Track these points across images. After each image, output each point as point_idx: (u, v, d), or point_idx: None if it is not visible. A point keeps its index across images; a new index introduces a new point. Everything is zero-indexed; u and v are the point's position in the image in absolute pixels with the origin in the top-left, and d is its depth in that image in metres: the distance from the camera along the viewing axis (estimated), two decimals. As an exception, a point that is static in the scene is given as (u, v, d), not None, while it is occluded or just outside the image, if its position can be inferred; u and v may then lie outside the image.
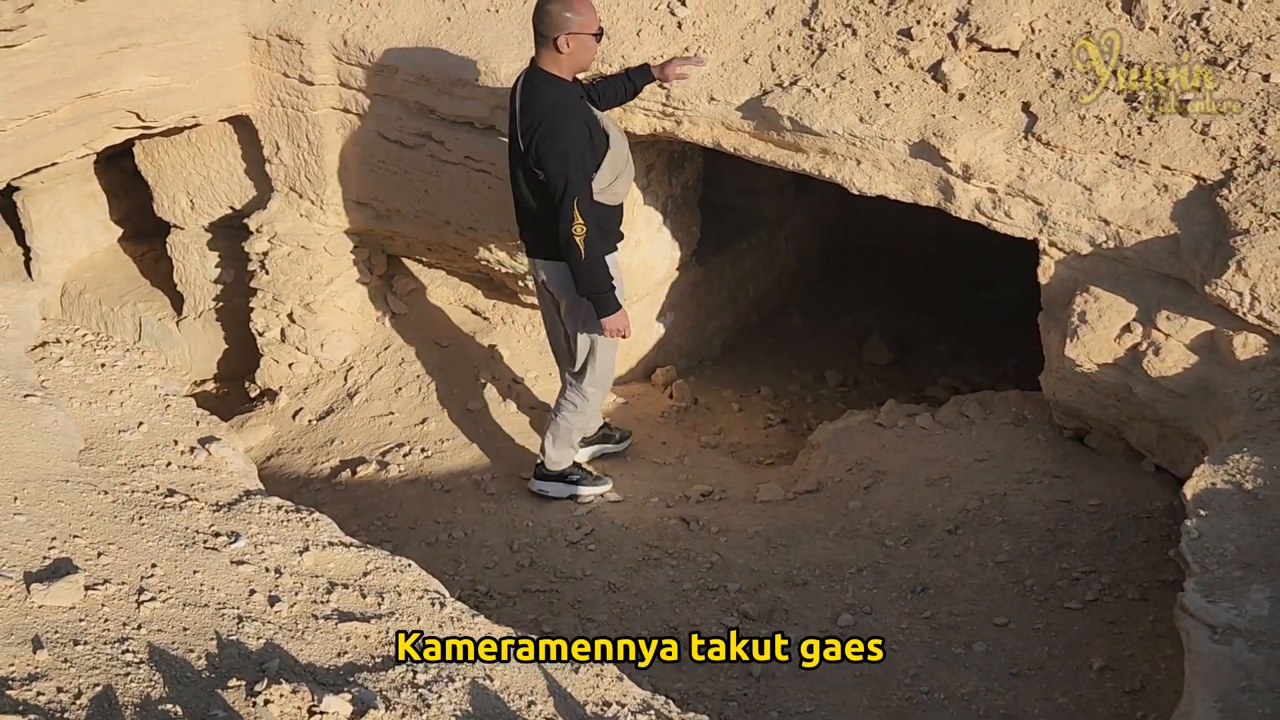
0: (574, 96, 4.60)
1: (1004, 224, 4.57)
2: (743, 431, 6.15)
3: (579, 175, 4.45)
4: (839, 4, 5.09)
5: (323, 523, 3.22)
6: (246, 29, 5.94)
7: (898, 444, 4.98)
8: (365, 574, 2.99)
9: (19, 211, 7.63)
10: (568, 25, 4.47)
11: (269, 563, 3.00)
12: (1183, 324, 4.12)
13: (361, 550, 3.10)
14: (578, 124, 4.49)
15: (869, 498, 4.75)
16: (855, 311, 7.63)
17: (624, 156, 4.74)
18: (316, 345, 6.34)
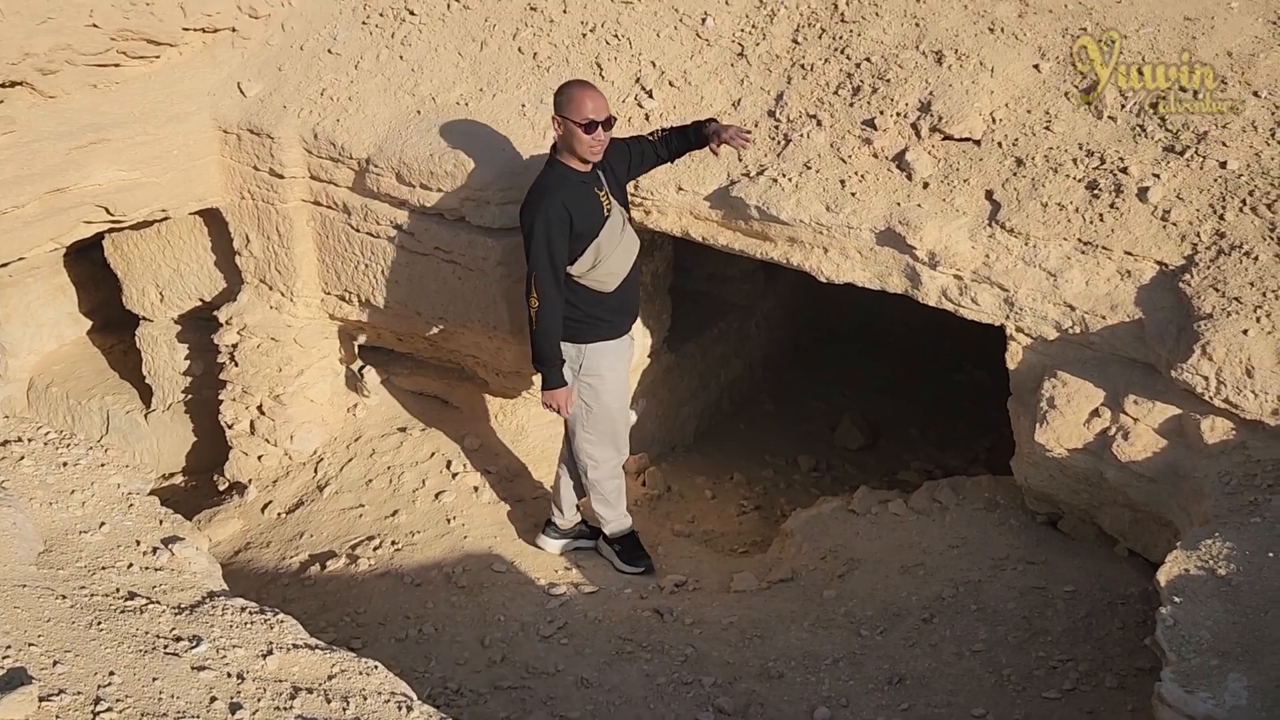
0: (561, 177, 4.64)
1: (971, 310, 4.60)
2: (716, 519, 6.11)
3: (541, 253, 4.58)
4: (804, 95, 5.17)
5: (287, 624, 3.15)
6: (217, 123, 5.97)
7: (871, 531, 4.96)
8: (330, 677, 2.92)
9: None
10: (558, 107, 4.59)
11: (231, 667, 2.92)
12: (1150, 408, 4.13)
13: (327, 652, 3.03)
14: (554, 205, 4.56)
15: (844, 586, 4.71)
16: (826, 396, 7.65)
17: (613, 244, 4.77)
18: (286, 437, 6.29)
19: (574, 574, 5.22)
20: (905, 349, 7.89)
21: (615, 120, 4.70)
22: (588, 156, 4.62)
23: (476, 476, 5.89)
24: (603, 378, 4.98)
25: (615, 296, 4.90)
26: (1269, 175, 4.31)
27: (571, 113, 4.54)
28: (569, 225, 4.60)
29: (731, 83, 5.36)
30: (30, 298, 7.70)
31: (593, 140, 4.56)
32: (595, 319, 4.89)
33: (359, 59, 5.95)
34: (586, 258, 4.71)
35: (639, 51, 5.55)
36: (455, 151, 5.34)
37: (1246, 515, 3.61)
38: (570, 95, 4.56)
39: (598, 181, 4.73)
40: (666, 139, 4.88)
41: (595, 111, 4.52)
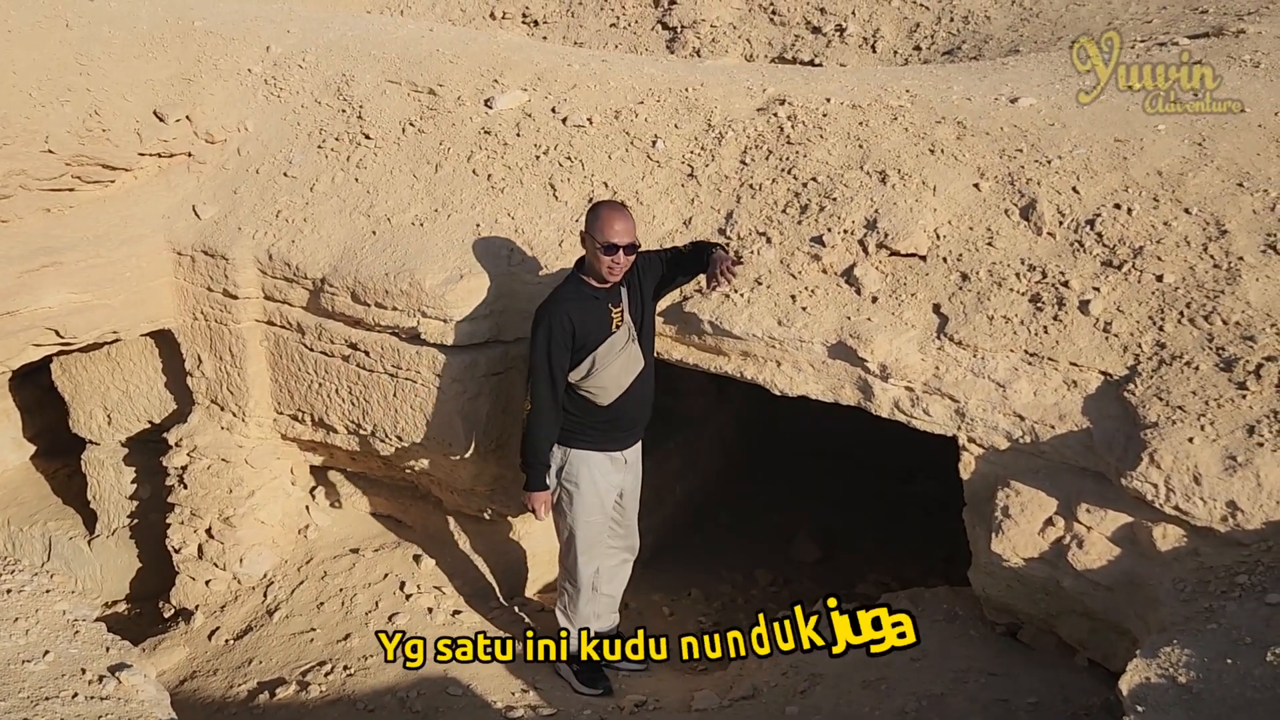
0: (575, 291, 4.77)
1: (923, 421, 4.66)
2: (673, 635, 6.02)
3: (541, 360, 4.74)
4: (753, 214, 5.29)
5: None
6: (171, 245, 5.99)
7: (832, 645, 4.92)
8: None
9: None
10: (586, 224, 4.75)
11: (181, 801, 2.84)
12: (1103, 516, 4.19)
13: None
14: (559, 317, 4.70)
15: (806, 702, 4.66)
16: (781, 509, 7.65)
17: (611, 358, 4.84)
18: (235, 560, 6.18)
19: (531, 695, 5.12)
20: (858, 460, 7.93)
21: (639, 246, 4.81)
22: (606, 277, 4.75)
23: (430, 597, 5.81)
24: (578, 486, 5.02)
25: (610, 410, 4.94)
26: (1204, 287, 4.45)
27: (596, 232, 4.68)
28: (571, 337, 4.72)
29: (682, 202, 5.48)
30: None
31: (611, 262, 4.69)
32: (585, 427, 4.96)
33: (314, 181, 6.02)
34: (583, 367, 4.82)
35: (591, 173, 5.67)
36: (410, 270, 5.39)
37: (1203, 622, 3.64)
38: (599, 215, 4.70)
39: (615, 298, 4.82)
40: (682, 258, 4.99)
41: (619, 236, 4.65)
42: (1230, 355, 4.19)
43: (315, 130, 6.24)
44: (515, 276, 5.39)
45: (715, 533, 7.48)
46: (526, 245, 5.47)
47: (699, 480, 7.62)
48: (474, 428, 5.45)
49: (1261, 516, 3.82)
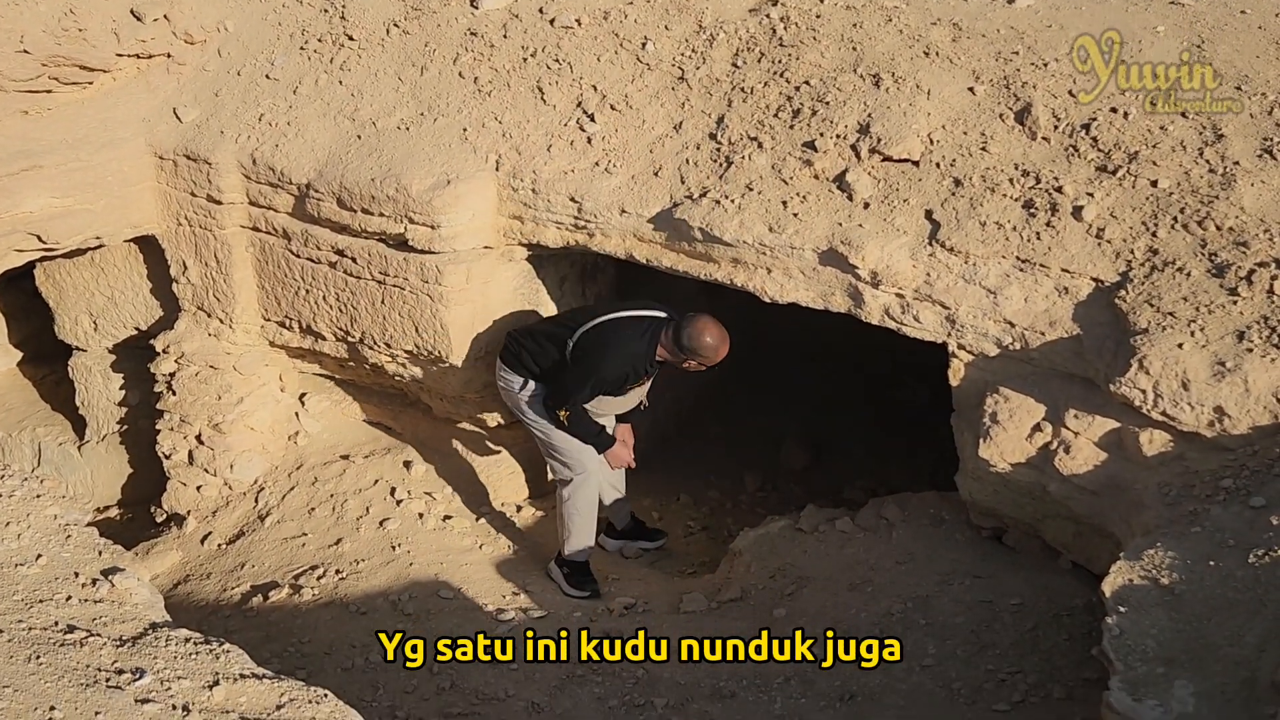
0: (645, 353, 5.11)
1: (913, 328, 4.66)
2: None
3: (589, 386, 5.14)
4: (744, 118, 5.22)
5: (233, 654, 3.08)
6: (153, 149, 5.90)
7: (819, 549, 4.99)
8: (279, 706, 2.87)
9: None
10: (691, 339, 4.97)
11: (176, 699, 2.86)
12: (1090, 422, 4.21)
13: (275, 681, 2.98)
14: (621, 369, 5.15)
15: (793, 604, 4.72)
16: (771, 416, 7.67)
17: (617, 405, 5.41)
18: (226, 467, 6.19)
19: (522, 598, 5.19)
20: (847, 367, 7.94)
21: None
22: (679, 367, 5.20)
23: (421, 503, 5.85)
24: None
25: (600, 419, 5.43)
26: (1198, 193, 4.42)
27: (704, 351, 4.99)
28: (622, 383, 5.21)
29: (673, 106, 5.40)
30: (-49, 329, 7.54)
31: (696, 367, 5.13)
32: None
33: (297, 84, 5.91)
34: (595, 398, 5.24)
35: (580, 76, 5.57)
36: (396, 175, 5.32)
37: (1187, 525, 3.68)
38: (714, 342, 4.98)
39: (655, 371, 5.32)
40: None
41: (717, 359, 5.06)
42: (1223, 261, 4.17)
43: (297, 31, 6.10)
44: (503, 182, 5.32)
45: (705, 441, 7.50)
46: (515, 150, 5.39)
47: (688, 387, 7.62)
48: (463, 336, 5.42)
49: (1248, 421, 3.85)
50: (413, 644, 4.67)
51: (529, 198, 5.29)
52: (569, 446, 5.34)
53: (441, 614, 5.04)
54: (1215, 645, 3.14)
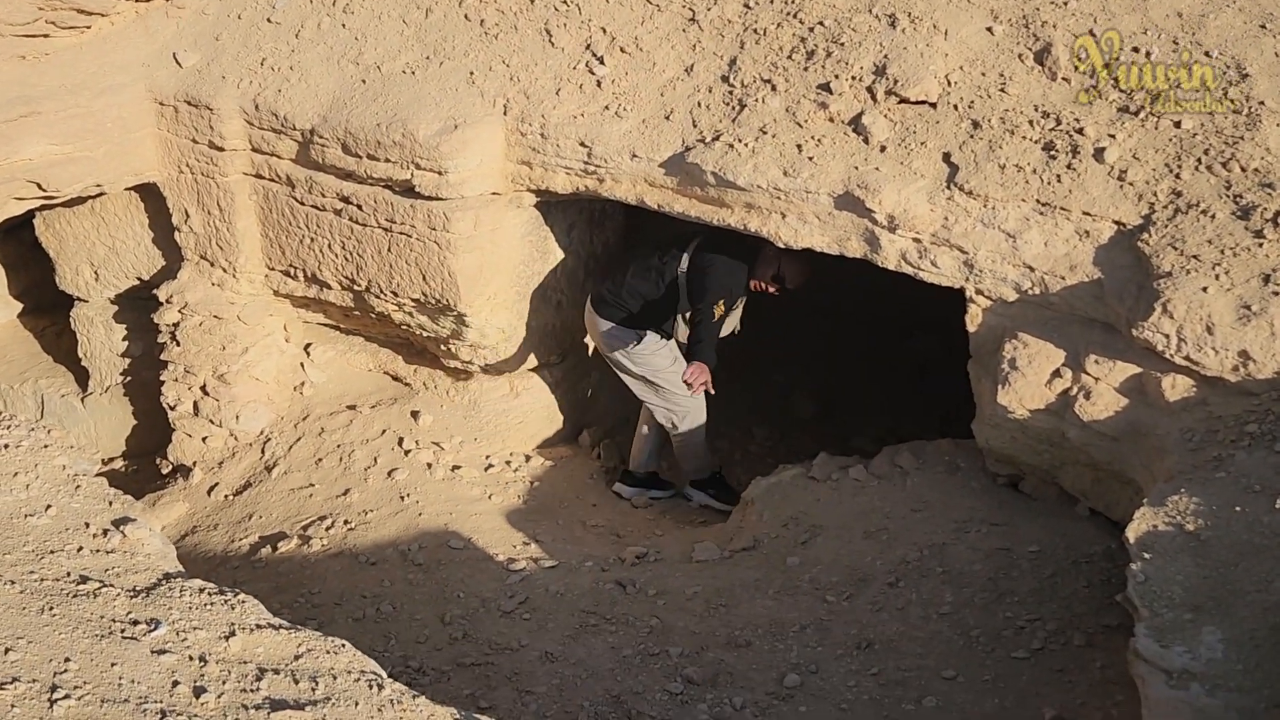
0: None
1: (931, 273, 4.58)
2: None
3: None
4: (757, 60, 5.11)
5: (249, 604, 3.04)
6: (153, 95, 5.79)
7: (832, 497, 4.93)
8: (297, 657, 2.83)
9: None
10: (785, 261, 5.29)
11: (192, 650, 2.82)
12: (1111, 367, 4.14)
13: (292, 631, 2.94)
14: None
15: (807, 553, 4.68)
16: (780, 365, 7.60)
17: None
18: (231, 417, 6.14)
19: (533, 548, 5.14)
20: (857, 316, 7.86)
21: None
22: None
23: (429, 453, 5.79)
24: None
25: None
26: (1222, 134, 4.33)
27: (793, 275, 5.38)
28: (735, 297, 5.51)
29: (684, 48, 5.29)
30: (-45, 278, 7.45)
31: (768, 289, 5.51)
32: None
33: (299, 27, 5.79)
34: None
35: (589, 17, 5.45)
36: (403, 120, 5.22)
37: (1211, 470, 3.62)
38: (799, 269, 5.34)
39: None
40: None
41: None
42: (1248, 203, 4.09)
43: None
44: (511, 127, 5.22)
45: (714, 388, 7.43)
46: (523, 94, 5.29)
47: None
48: (471, 283, 5.35)
49: (1274, 365, 3.78)
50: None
51: (538, 142, 5.20)
52: (678, 386, 5.48)
53: (452, 564, 5.00)
54: (1243, 591, 3.10)
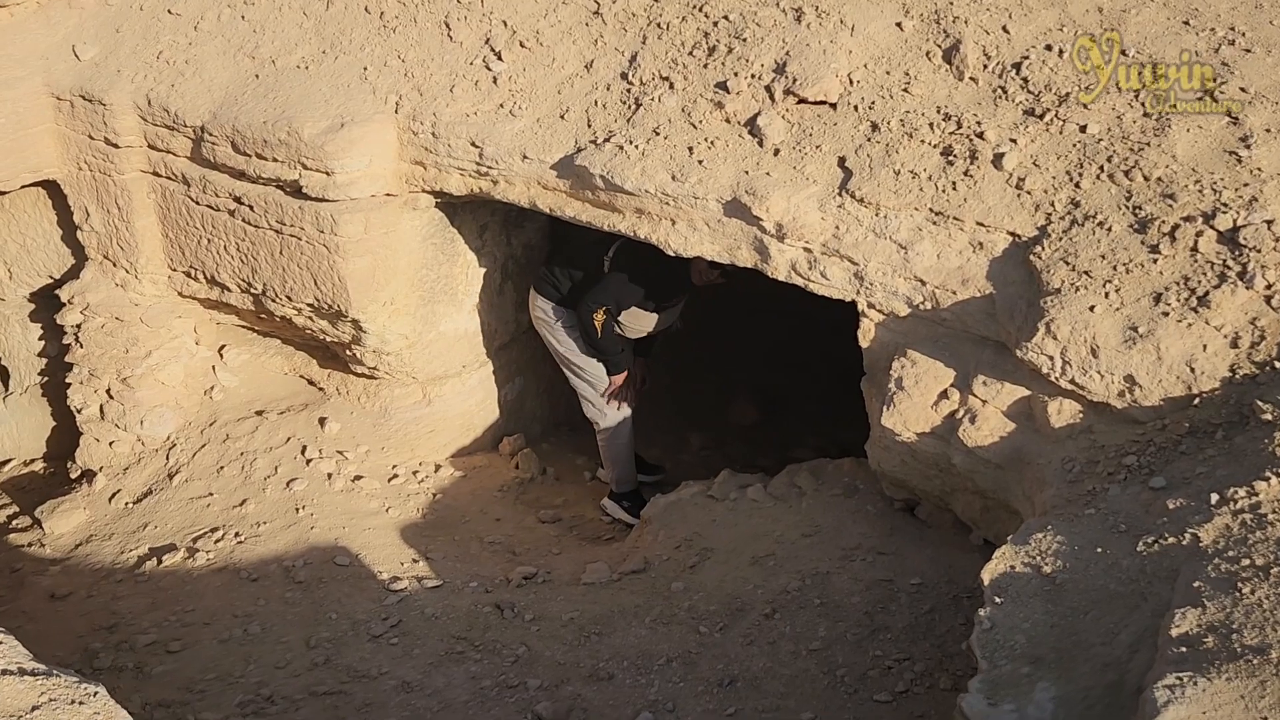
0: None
1: (821, 285, 4.34)
2: (589, 503, 5.84)
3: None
4: (658, 56, 4.88)
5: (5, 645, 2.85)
6: (50, 89, 5.60)
7: (728, 518, 4.71)
8: (34, 708, 2.62)
9: None
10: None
11: (-79, 696, 2.63)
12: (999, 389, 3.89)
13: (42, 679, 2.73)
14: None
15: (692, 578, 4.46)
16: (720, 370, 7.37)
17: (655, 322, 5.60)
18: (136, 422, 5.95)
19: (420, 566, 4.95)
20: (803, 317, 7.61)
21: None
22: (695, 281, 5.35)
23: (332, 463, 5.60)
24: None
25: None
26: (1129, 139, 4.07)
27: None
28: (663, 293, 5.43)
29: (585, 43, 5.05)
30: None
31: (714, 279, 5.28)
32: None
33: (200, 19, 5.59)
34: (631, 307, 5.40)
35: (491, 10, 5.22)
36: (289, 118, 5.01)
37: (1082, 506, 3.37)
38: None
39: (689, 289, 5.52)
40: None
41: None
42: (1146, 215, 3.83)
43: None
44: (403, 126, 5.01)
45: (653, 393, 7.21)
46: (416, 91, 5.07)
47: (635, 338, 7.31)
48: (363, 288, 5.15)
49: (1160, 392, 3.53)
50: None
51: (429, 142, 4.98)
52: (599, 375, 5.58)
53: (334, 581, 4.81)
54: (1087, 643, 2.86)
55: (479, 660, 4.18)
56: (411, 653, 4.26)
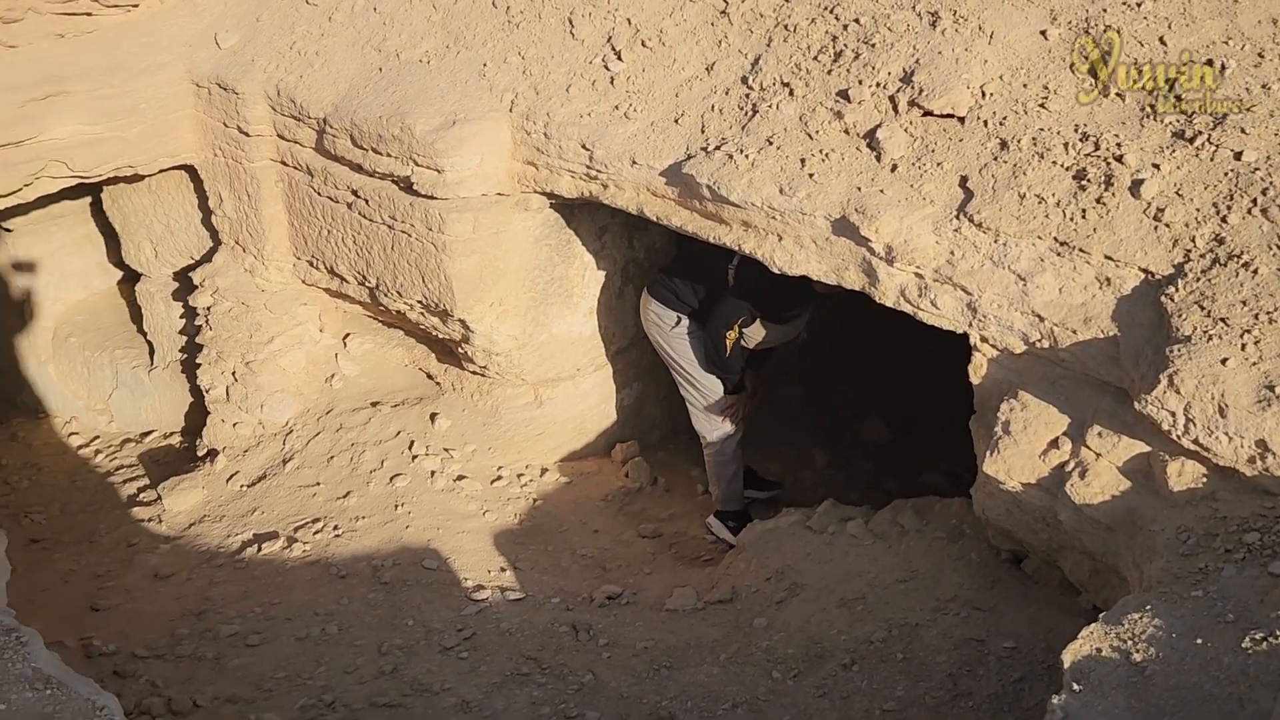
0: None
1: (930, 314, 4.02)
2: (696, 518, 5.62)
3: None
4: (781, 60, 4.62)
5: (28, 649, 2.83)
6: (191, 76, 5.72)
7: (823, 553, 4.44)
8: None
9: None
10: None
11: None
12: (1115, 443, 3.51)
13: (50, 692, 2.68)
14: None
15: (777, 615, 4.21)
16: (856, 381, 7.03)
17: (781, 334, 5.33)
18: (257, 406, 6.05)
19: (507, 576, 4.85)
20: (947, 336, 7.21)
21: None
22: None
23: (437, 460, 5.56)
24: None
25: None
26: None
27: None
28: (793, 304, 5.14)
29: (708, 44, 4.83)
30: (54, 246, 7.61)
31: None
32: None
33: (334, 9, 5.61)
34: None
35: (615, 8, 5.05)
36: (403, 114, 4.96)
37: (1190, 585, 2.99)
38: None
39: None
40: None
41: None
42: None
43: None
44: (517, 125, 4.89)
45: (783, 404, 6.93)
46: (533, 89, 4.95)
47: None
48: (469, 289, 5.06)
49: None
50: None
51: (541, 142, 4.85)
52: (713, 390, 5.33)
53: (418, 585, 4.75)
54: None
55: (543, 684, 4.03)
56: (478, 669, 4.15)
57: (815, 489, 6.13)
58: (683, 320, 5.26)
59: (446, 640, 4.34)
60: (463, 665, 4.18)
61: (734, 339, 5.09)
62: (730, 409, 5.36)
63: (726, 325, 5.05)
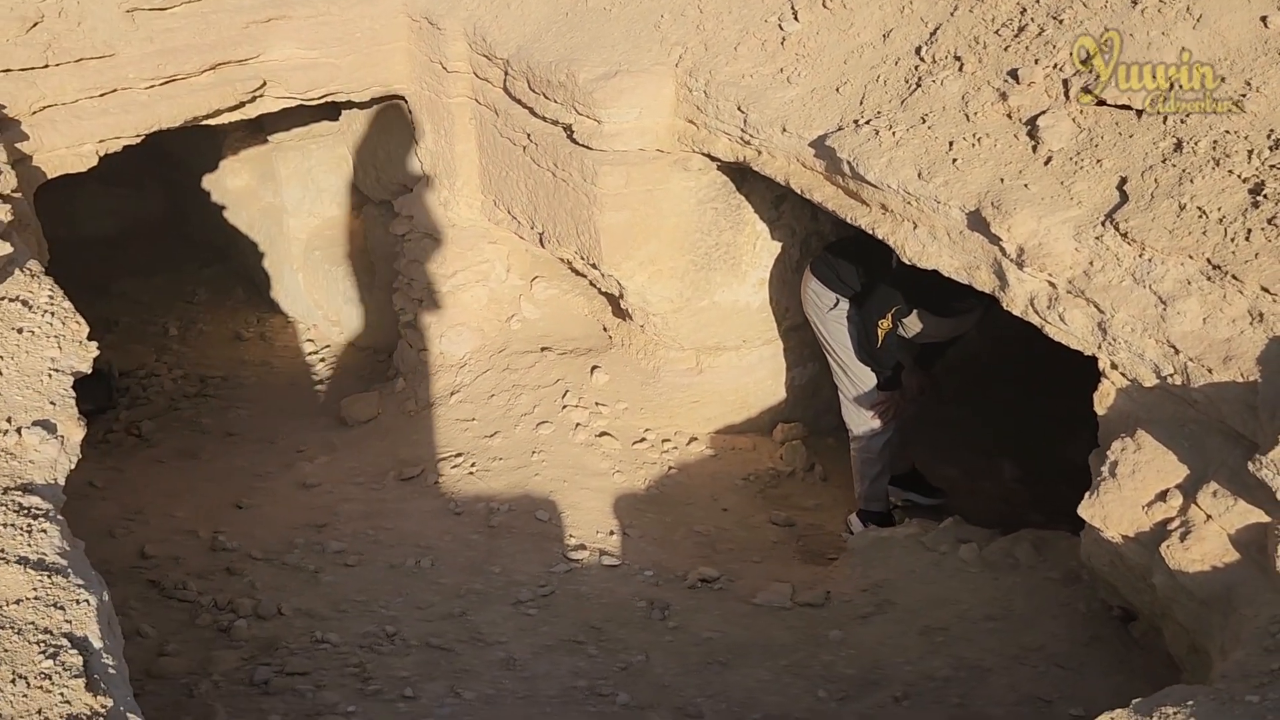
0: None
1: (1058, 330, 3.56)
2: (840, 512, 5.31)
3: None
4: (960, 31, 4.21)
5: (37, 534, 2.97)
6: (406, 10, 5.86)
7: (926, 573, 4.08)
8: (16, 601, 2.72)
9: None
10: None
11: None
12: (1230, 505, 2.99)
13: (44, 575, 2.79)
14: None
15: (854, 630, 3.91)
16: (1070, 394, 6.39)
17: (948, 329, 4.96)
18: (438, 336, 6.21)
19: (612, 540, 4.75)
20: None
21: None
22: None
23: (584, 413, 5.52)
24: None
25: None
26: None
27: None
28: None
29: (891, 9, 4.46)
30: (311, 163, 8.08)
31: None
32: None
33: (542, -49, 5.58)
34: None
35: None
36: (571, 60, 4.88)
37: (1252, 688, 2.50)
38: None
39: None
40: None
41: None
42: None
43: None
44: (681, 80, 4.71)
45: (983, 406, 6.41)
46: (703, 44, 4.74)
47: (988, 343, 6.52)
48: (616, 244, 4.95)
49: None
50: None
51: (701, 101, 4.65)
52: (865, 381, 4.99)
53: (522, 534, 4.75)
54: None
55: (593, 656, 3.93)
56: (539, 629, 4.10)
57: (994, 504, 5.66)
58: (841, 302, 4.94)
59: (522, 595, 4.31)
60: (525, 622, 4.14)
61: (887, 329, 4.73)
62: (881, 404, 4.99)
63: (880, 313, 4.71)
